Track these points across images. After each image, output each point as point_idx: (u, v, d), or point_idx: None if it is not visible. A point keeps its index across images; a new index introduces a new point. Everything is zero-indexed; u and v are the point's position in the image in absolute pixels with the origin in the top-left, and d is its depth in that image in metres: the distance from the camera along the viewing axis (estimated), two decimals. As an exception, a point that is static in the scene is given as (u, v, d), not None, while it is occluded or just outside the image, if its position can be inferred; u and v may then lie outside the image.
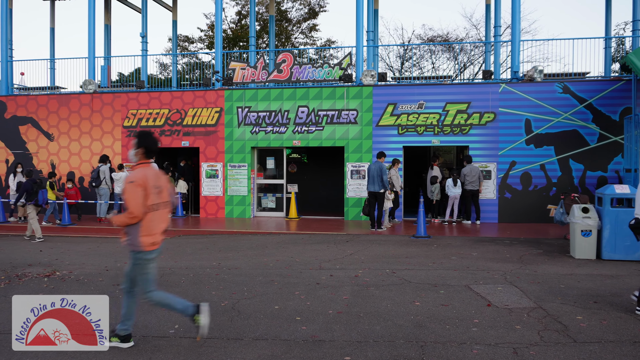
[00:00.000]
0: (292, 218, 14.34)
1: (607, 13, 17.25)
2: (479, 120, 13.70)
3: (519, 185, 13.56)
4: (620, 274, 7.54)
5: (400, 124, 14.04)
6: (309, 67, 14.65)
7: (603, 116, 13.21)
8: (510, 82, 13.87)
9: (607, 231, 8.66)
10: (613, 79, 13.67)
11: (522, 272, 7.61)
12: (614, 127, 13.11)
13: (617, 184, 9.24)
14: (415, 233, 11.25)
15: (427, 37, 29.87)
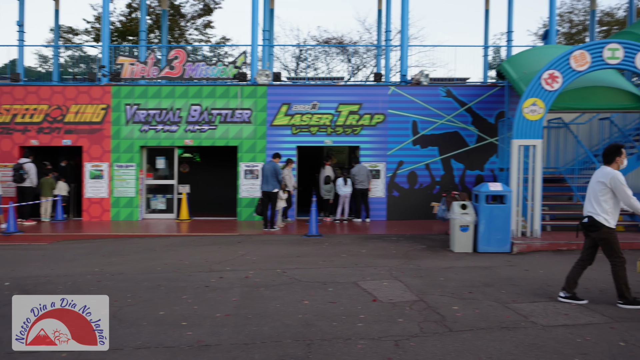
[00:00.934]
0: (183, 220, 13.94)
1: (486, 24, 18.58)
2: (369, 121, 14.16)
3: (406, 184, 14.20)
4: (493, 265, 8.14)
5: (294, 124, 14.14)
6: (202, 65, 14.31)
7: (481, 119, 14.19)
8: (399, 85, 14.48)
9: (482, 226, 9.32)
10: (490, 85, 14.74)
11: (407, 267, 7.97)
12: (490, 129, 14.15)
13: (491, 182, 9.97)
14: (307, 232, 11.39)
15: (323, 39, 30.40)
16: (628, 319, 5.27)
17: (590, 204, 5.95)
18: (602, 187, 5.82)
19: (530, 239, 9.89)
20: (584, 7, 27.57)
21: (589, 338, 4.67)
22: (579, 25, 28.35)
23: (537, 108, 9.83)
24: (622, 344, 4.51)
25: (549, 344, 4.52)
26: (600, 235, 5.86)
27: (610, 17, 27.64)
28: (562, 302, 5.93)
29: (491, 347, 4.46)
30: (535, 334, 4.78)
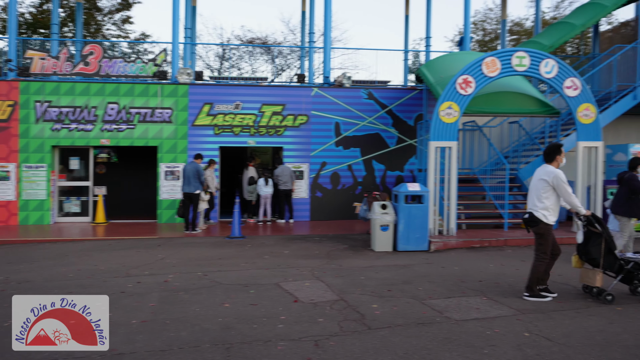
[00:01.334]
0: (100, 223, 13.34)
1: (406, 29, 19.15)
2: (293, 122, 14.19)
3: (329, 184, 14.36)
4: (411, 263, 8.41)
5: (217, 124, 13.92)
6: (120, 62, 13.76)
7: (401, 121, 14.61)
8: (322, 86, 14.62)
9: (402, 225, 9.60)
10: (409, 88, 15.19)
11: (329, 267, 8.06)
12: (410, 131, 14.60)
13: (410, 183, 10.30)
14: (230, 234, 11.25)
15: (247, 39, 30.13)
16: (532, 310, 5.60)
17: (532, 201, 6.25)
18: (544, 184, 6.10)
19: (447, 237, 10.30)
20: (496, 17, 29.10)
21: (497, 330, 4.92)
22: (491, 33, 29.88)
23: (453, 111, 10.26)
24: (527, 335, 4.80)
25: (462, 338, 4.73)
26: (538, 230, 6.17)
27: (520, 27, 29.36)
28: (474, 296, 6.21)
29: (408, 343, 4.60)
30: (449, 329, 4.98)
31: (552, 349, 4.42)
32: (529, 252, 9.33)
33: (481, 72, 10.20)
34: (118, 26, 28.71)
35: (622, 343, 4.59)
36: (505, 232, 11.05)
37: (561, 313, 5.52)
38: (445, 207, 10.63)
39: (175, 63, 14.31)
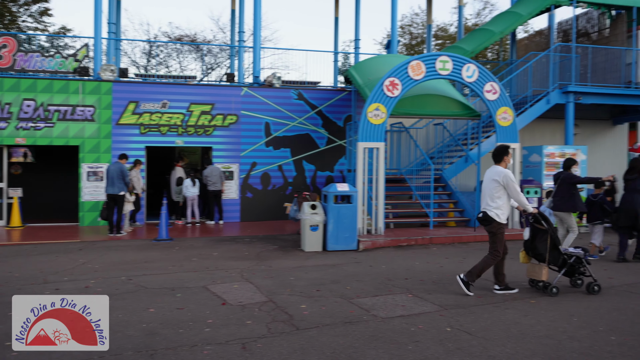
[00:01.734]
0: (15, 227, 12.57)
1: (335, 31, 19.36)
2: (222, 121, 13.99)
3: (259, 185, 14.28)
4: (340, 263, 8.52)
5: (143, 123, 13.49)
6: (37, 56, 13.05)
7: (331, 122, 14.76)
8: (252, 86, 14.51)
9: (331, 225, 9.71)
10: (339, 89, 15.39)
11: (258, 269, 8.02)
12: (339, 132, 14.78)
13: (340, 183, 10.43)
14: (157, 236, 10.94)
15: (175, 36, 29.40)
16: (454, 306, 5.83)
17: (485, 201, 6.49)
18: (496, 184, 6.34)
19: (375, 236, 10.51)
20: (422, 22, 30.03)
21: (421, 326, 5.08)
22: (418, 37, 30.82)
23: (380, 113, 10.49)
24: (449, 329, 4.98)
25: (387, 335, 4.84)
26: (491, 228, 6.41)
27: (445, 32, 30.45)
28: (400, 294, 6.38)
29: (335, 342, 4.66)
30: (375, 326, 5.09)
31: (472, 342, 4.62)
32: (453, 250, 9.73)
33: (407, 75, 10.50)
34: (35, 18, 27.21)
35: (535, 334, 4.86)
36: (431, 230, 11.42)
37: (481, 307, 5.78)
38: (374, 207, 10.84)
39: (97, 59, 13.75)
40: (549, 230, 6.45)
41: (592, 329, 5.00)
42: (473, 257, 8.93)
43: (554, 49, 14.20)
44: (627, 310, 5.68)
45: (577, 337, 4.77)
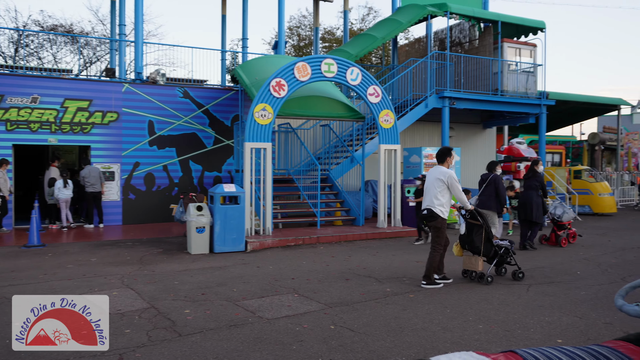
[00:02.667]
0: None
1: (223, 28, 19.07)
2: (101, 119, 13.22)
3: (143, 186, 13.69)
4: (227, 265, 8.40)
5: (10, 119, 12.36)
6: None
7: (218, 121, 14.52)
8: (134, 82, 13.86)
9: (218, 227, 9.54)
10: (226, 88, 15.17)
11: (141, 274, 7.67)
12: (227, 132, 14.59)
13: (227, 184, 10.29)
14: (27, 242, 10.07)
15: (48, 26, 27.25)
16: (339, 304, 5.98)
17: (429, 198, 6.86)
18: (440, 183, 6.75)
19: (263, 237, 10.50)
20: (310, 24, 30.51)
21: (306, 326, 5.15)
22: (306, 39, 31.27)
23: (267, 113, 10.50)
24: (333, 327, 5.10)
25: (272, 336, 4.85)
26: (436, 224, 6.84)
27: (332, 36, 31.19)
28: (287, 294, 6.42)
29: (219, 346, 4.58)
30: (260, 328, 5.08)
31: (354, 339, 4.76)
32: (340, 248, 9.99)
33: (294, 76, 10.60)
34: None
35: (412, 327, 5.13)
36: (318, 230, 11.63)
37: (363, 304, 5.98)
38: (262, 208, 10.83)
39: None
40: (484, 225, 7.01)
41: (463, 319, 5.38)
42: (358, 255, 9.25)
43: (431, 56, 15.08)
44: (493, 299, 6.18)
45: (450, 328, 5.10)
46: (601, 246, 10.49)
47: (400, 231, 11.66)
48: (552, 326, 5.16)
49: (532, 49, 16.77)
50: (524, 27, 17.07)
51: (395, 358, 4.31)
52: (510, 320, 5.35)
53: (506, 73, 15.93)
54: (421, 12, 15.33)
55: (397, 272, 7.73)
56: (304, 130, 14.88)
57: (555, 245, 10.42)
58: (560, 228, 10.47)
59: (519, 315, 5.50)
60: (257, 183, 10.96)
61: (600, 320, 5.33)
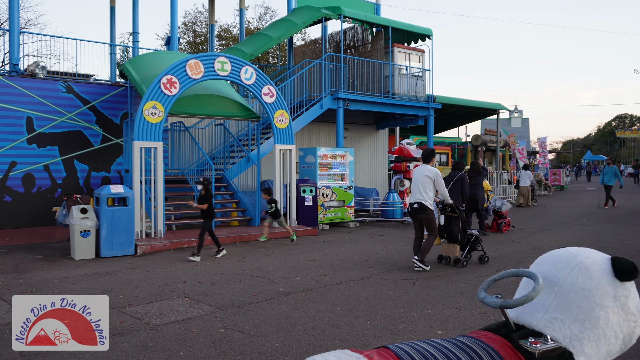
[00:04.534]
0: None
1: (112, 21, 18.13)
2: (-30, 114, 12.03)
3: (20, 187, 12.65)
4: (115, 270, 8.00)
5: None
6: None
7: (106, 119, 13.77)
8: (9, 75, 12.77)
9: (105, 230, 9.06)
10: (115, 84, 14.44)
11: (16, 283, 7.10)
12: (116, 130, 13.88)
13: (114, 185, 9.80)
14: None
15: None
16: (230, 306, 5.91)
17: (419, 193, 7.80)
18: (428, 180, 7.78)
19: (155, 239, 10.13)
20: (206, 20, 29.89)
21: (195, 330, 5.03)
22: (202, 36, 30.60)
23: (157, 111, 10.13)
24: (222, 330, 5.03)
25: (159, 343, 4.68)
26: (427, 215, 7.82)
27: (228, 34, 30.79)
28: (177, 298, 6.24)
29: (100, 357, 4.34)
30: (146, 336, 4.88)
31: (244, 341, 4.73)
32: (234, 249, 9.88)
33: (186, 74, 10.32)
34: None
35: (303, 326, 5.18)
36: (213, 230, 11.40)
37: (255, 305, 5.95)
38: (153, 209, 10.44)
39: None
40: (460, 217, 8.13)
41: (352, 316, 5.53)
42: (253, 256, 9.21)
43: (325, 58, 15.36)
44: (381, 295, 6.41)
45: (339, 325, 5.22)
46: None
47: (296, 231, 11.76)
48: (434, 318, 5.45)
49: (421, 54, 17.64)
50: (413, 34, 17.92)
51: (284, 358, 4.33)
52: (396, 314, 5.58)
53: (397, 77, 16.62)
54: (316, 14, 15.56)
55: (290, 272, 7.80)
56: (199, 130, 14.55)
57: (497, 232, 12.47)
58: (499, 217, 12.41)
59: (404, 310, 5.76)
60: (148, 183, 10.54)
61: (476, 310, 5.72)
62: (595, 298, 2.04)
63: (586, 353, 2.04)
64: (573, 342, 2.03)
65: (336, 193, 13.70)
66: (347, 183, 13.97)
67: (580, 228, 13.19)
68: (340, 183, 13.86)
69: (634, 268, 2.04)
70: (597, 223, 14.30)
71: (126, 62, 12.82)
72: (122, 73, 13.37)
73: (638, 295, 2.10)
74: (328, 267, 8.19)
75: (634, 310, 2.07)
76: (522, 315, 2.17)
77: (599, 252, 2.16)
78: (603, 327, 2.04)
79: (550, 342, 2.01)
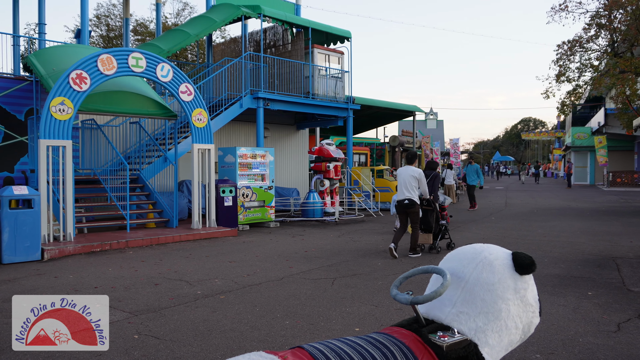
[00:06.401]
0: None
1: (14, 9, 16.95)
2: None
3: None
4: (18, 277, 7.50)
5: None
6: None
7: (9, 115, 12.87)
8: None
9: (7, 234, 8.47)
10: (19, 78, 13.53)
11: None
12: (20, 127, 13.01)
13: (17, 186, 9.17)
14: None
15: None
16: (145, 311, 5.71)
17: (407, 191, 9.06)
18: (414, 179, 9.04)
19: (64, 243, 9.60)
20: (120, 14, 28.70)
21: (106, 338, 4.81)
22: (115, 30, 29.35)
23: (66, 107, 9.60)
24: (137, 337, 4.85)
25: (65, 354, 4.43)
26: (414, 209, 9.12)
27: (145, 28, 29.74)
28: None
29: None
30: (53, 346, 4.61)
31: (159, 347, 4.58)
32: (151, 252, 9.58)
33: (97, 69, 9.86)
34: None
35: (221, 328, 5.10)
36: (128, 233, 11.00)
37: (172, 309, 5.79)
38: (62, 211, 9.88)
39: None
40: (435, 210, 9.55)
41: (271, 317, 5.51)
42: (170, 258, 8.96)
43: (245, 57, 15.22)
44: (300, 295, 6.44)
45: (258, 326, 5.19)
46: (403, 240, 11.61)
47: (216, 232, 11.58)
48: (351, 316, 5.55)
49: (340, 56, 17.91)
50: (332, 35, 18.16)
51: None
52: (315, 313, 5.63)
53: (317, 77, 16.78)
54: (235, 12, 15.38)
55: (209, 274, 7.66)
56: (112, 128, 13.95)
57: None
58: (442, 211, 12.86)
59: (323, 309, 5.82)
60: (57, 184, 9.96)
61: (392, 307, 5.88)
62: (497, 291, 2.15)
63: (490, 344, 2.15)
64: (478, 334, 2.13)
65: (256, 193, 13.62)
66: (268, 183, 13.93)
67: (489, 225, 13.95)
68: (261, 183, 13.79)
69: (531, 262, 2.18)
70: (504, 220, 15.18)
71: (31, 55, 12.04)
72: (27, 66, 12.54)
73: (535, 287, 2.24)
74: (248, 268, 8.12)
75: (532, 302, 2.21)
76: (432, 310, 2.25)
77: (501, 247, 2.28)
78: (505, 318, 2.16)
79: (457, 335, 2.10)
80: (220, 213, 12.38)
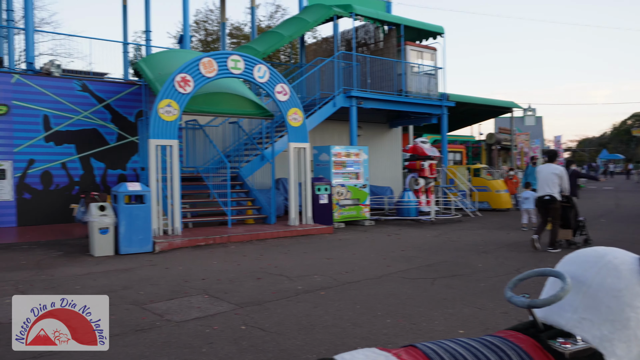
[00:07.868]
0: None
1: (124, 19, 18.25)
2: (-11, 113, 12.19)
3: (39, 185, 12.80)
4: (134, 267, 8.07)
5: None
6: None
7: (121, 117, 13.88)
8: (26, 73, 12.91)
9: (123, 227, 9.14)
10: (129, 82, 14.54)
11: (38, 279, 7.19)
12: (131, 128, 13.98)
13: (131, 182, 9.88)
14: None
15: None
16: (250, 303, 5.94)
17: (548, 187, 9.27)
18: (556, 176, 9.26)
19: (172, 237, 10.20)
20: (217, 19, 29.98)
21: (216, 327, 5.07)
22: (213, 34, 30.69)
23: (172, 109, 10.18)
24: (244, 328, 5.06)
25: (181, 339, 4.72)
26: (555, 206, 9.30)
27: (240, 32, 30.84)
28: (197, 295, 6.28)
29: (124, 353, 4.39)
30: (168, 332, 4.93)
31: (265, 339, 4.75)
32: (251, 247, 9.94)
33: (199, 72, 10.37)
34: None
35: (323, 324, 5.20)
36: (229, 228, 11.48)
37: (275, 303, 5.98)
38: (170, 206, 10.51)
39: None
40: (573, 206, 9.76)
41: (372, 314, 5.53)
42: (270, 254, 9.24)
43: (338, 56, 15.35)
44: (400, 294, 6.41)
45: (359, 323, 5.23)
46: (497, 241, 11.21)
47: (312, 229, 11.79)
48: (454, 317, 5.44)
49: (433, 52, 17.57)
50: (424, 31, 17.85)
51: (305, 356, 4.35)
52: (416, 313, 5.57)
53: (409, 75, 16.58)
54: (327, 13, 15.55)
55: (308, 270, 7.82)
56: (213, 128, 14.62)
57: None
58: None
59: (424, 309, 5.75)
60: (165, 181, 10.61)
61: (497, 310, 5.70)
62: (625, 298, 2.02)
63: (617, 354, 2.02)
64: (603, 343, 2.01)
65: (351, 191, 13.71)
66: (362, 181, 13.97)
67: (599, 228, 13.09)
68: (355, 181, 13.86)
69: None
70: (616, 223, 14.19)
71: (140, 61, 12.91)
72: (136, 71, 13.46)
73: None
74: (345, 266, 8.20)
75: None
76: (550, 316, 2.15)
77: (627, 251, 2.14)
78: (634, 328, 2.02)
79: (580, 343, 1.99)
80: (316, 210, 12.58)
